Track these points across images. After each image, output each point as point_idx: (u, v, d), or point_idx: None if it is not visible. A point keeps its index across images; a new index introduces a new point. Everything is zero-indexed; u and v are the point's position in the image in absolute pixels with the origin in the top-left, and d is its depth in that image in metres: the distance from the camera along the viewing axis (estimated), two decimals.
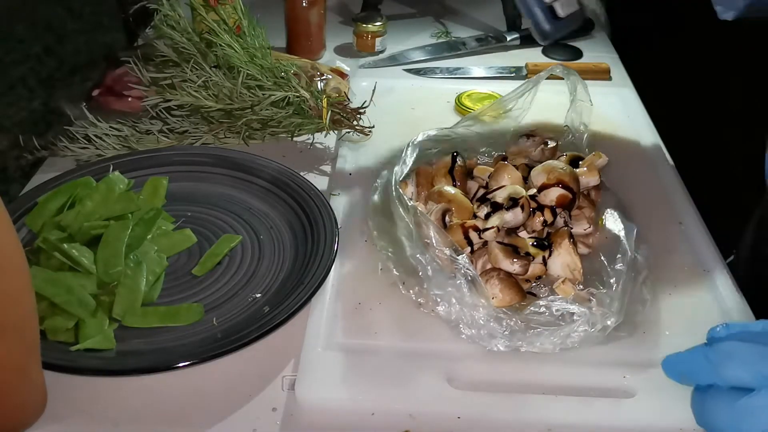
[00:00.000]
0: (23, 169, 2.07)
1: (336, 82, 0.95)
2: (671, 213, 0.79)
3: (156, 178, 0.78)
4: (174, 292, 0.68)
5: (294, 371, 0.60)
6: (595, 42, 1.22)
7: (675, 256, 0.73)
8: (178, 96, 0.84)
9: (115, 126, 0.86)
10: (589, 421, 0.56)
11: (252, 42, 0.87)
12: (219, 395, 0.58)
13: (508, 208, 0.67)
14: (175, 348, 0.61)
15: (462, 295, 0.61)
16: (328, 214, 0.73)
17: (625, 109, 1.01)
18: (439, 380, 0.58)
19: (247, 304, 0.66)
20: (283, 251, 0.72)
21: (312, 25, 1.10)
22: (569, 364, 0.60)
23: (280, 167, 0.81)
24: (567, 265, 0.66)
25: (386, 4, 1.29)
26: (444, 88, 1.04)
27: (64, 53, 2.96)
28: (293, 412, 0.57)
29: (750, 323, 0.51)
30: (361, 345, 0.62)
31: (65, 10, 3.22)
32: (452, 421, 0.56)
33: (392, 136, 0.89)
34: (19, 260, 0.44)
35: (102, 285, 0.65)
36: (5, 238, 0.43)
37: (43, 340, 0.59)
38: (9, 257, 0.43)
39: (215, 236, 0.74)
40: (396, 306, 0.66)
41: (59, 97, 2.32)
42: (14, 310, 0.44)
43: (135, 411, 0.57)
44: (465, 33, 1.23)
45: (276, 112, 0.85)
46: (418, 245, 0.64)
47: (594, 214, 0.72)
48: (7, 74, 2.80)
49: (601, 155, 0.74)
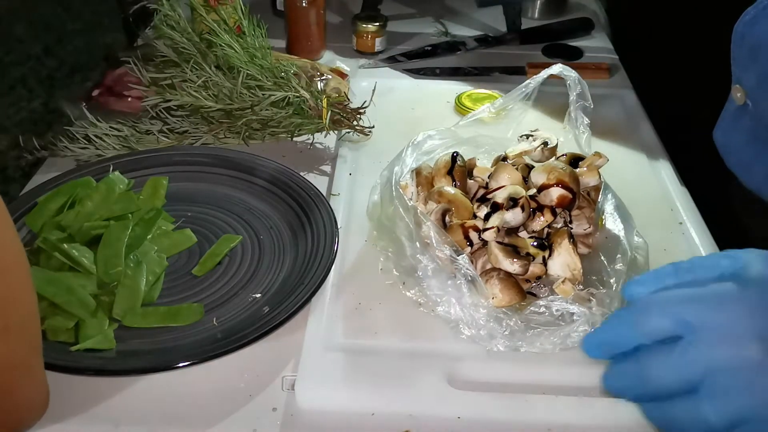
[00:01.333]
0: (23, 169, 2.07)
1: (336, 82, 0.95)
2: (671, 213, 0.79)
3: (156, 178, 0.78)
4: (174, 292, 0.68)
5: (294, 371, 0.60)
6: (595, 42, 1.22)
7: (675, 256, 0.72)
8: (178, 96, 0.84)
9: (115, 126, 0.86)
10: (589, 421, 0.56)
11: (252, 42, 0.87)
12: (219, 395, 0.58)
13: (508, 208, 0.67)
14: (175, 348, 0.61)
15: (462, 295, 0.61)
16: (328, 214, 0.73)
17: (625, 109, 1.01)
18: (439, 380, 0.58)
19: (247, 304, 0.66)
20: (283, 251, 0.72)
21: (312, 25, 1.10)
22: (569, 364, 0.60)
23: (280, 167, 0.81)
24: (567, 265, 0.66)
25: (386, 4, 1.30)
26: (444, 88, 1.04)
27: (64, 53, 2.96)
28: (293, 412, 0.57)
29: (660, 268, 0.44)
30: (361, 345, 0.62)
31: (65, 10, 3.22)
32: (452, 421, 0.56)
33: (392, 136, 0.89)
34: (20, 260, 0.44)
35: (102, 285, 0.65)
36: (6, 238, 0.43)
37: (43, 340, 0.59)
38: (10, 257, 0.43)
39: (215, 236, 0.74)
40: (396, 306, 0.66)
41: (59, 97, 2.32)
42: (17, 309, 0.44)
43: (135, 411, 0.57)
44: (465, 33, 1.23)
45: (276, 112, 0.85)
46: (417, 245, 0.64)
47: (594, 214, 0.72)
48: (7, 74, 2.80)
49: (601, 155, 0.74)
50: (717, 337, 0.38)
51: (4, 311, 0.43)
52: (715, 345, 0.38)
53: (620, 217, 0.68)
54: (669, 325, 0.40)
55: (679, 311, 0.40)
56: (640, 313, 0.41)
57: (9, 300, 0.43)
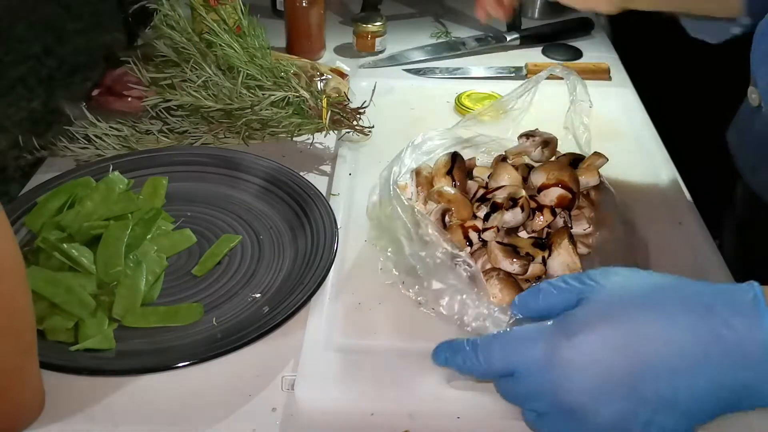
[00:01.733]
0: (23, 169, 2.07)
1: (336, 82, 0.95)
2: (671, 213, 0.79)
3: (156, 178, 0.78)
4: (174, 292, 0.68)
5: (294, 371, 0.60)
6: (595, 42, 1.22)
7: (675, 256, 0.73)
8: (177, 96, 0.84)
9: (115, 126, 0.86)
10: None
11: (252, 42, 0.87)
12: (219, 395, 0.58)
13: (508, 208, 0.67)
14: (175, 348, 0.61)
15: (464, 285, 0.60)
16: (328, 214, 0.73)
17: (625, 109, 1.01)
18: (439, 380, 0.58)
19: (246, 304, 0.66)
20: (283, 251, 0.72)
21: (312, 25, 1.10)
22: None
23: (280, 167, 0.81)
24: (567, 265, 0.65)
25: (386, 4, 1.30)
26: (444, 88, 1.04)
27: (64, 53, 2.96)
28: (293, 412, 0.57)
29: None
30: (361, 345, 0.62)
31: (65, 10, 3.22)
32: (452, 421, 0.56)
33: (392, 136, 0.89)
34: (13, 261, 0.44)
35: (102, 285, 0.65)
36: (1, 242, 0.43)
37: (42, 340, 0.59)
38: (3, 259, 0.43)
39: (215, 236, 0.74)
40: (396, 306, 0.66)
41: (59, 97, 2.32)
42: (9, 312, 0.44)
43: (135, 411, 0.57)
44: (465, 33, 1.23)
45: (276, 112, 0.85)
46: (417, 244, 0.64)
47: (594, 214, 0.72)
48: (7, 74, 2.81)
49: (600, 155, 0.74)
50: None
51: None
52: None
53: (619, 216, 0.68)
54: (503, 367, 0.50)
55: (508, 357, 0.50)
56: (486, 354, 0.51)
57: (1, 305, 0.43)
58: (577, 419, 0.47)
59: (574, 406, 0.46)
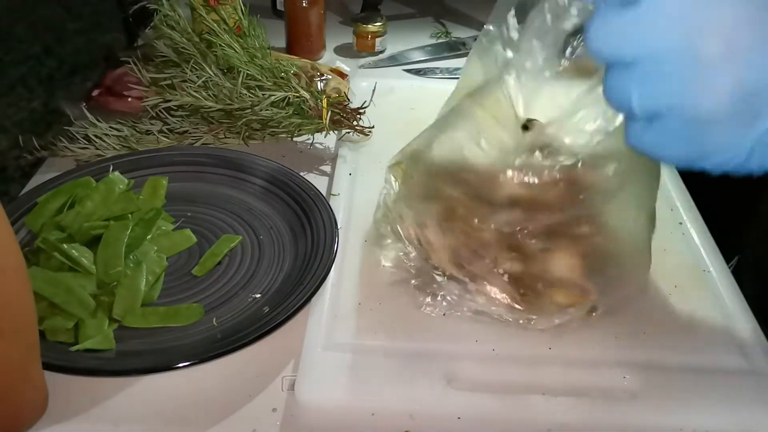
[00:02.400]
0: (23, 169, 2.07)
1: (336, 83, 0.95)
2: (671, 213, 0.79)
3: (156, 178, 0.78)
4: (174, 292, 0.68)
5: (294, 371, 0.60)
6: None
7: (675, 256, 0.73)
8: (178, 96, 0.84)
9: (115, 126, 0.86)
10: (589, 421, 0.56)
11: (252, 42, 0.87)
12: (219, 395, 0.58)
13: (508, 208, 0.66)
14: (175, 348, 0.61)
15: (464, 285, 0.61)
16: (328, 214, 0.73)
17: None
18: (439, 380, 0.58)
19: (246, 304, 0.66)
20: (283, 251, 0.72)
21: (312, 25, 1.10)
22: (569, 365, 0.60)
23: (280, 167, 0.81)
24: (567, 265, 0.65)
25: (386, 4, 1.29)
26: (444, 88, 1.03)
27: (64, 53, 2.96)
28: (293, 413, 0.57)
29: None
30: (361, 345, 0.62)
31: (65, 10, 3.23)
32: (452, 422, 0.56)
33: (392, 136, 0.89)
34: (16, 261, 0.44)
35: (102, 285, 0.65)
36: (2, 239, 0.43)
37: (42, 340, 0.59)
38: (6, 258, 0.43)
39: (215, 236, 0.74)
40: (396, 306, 0.66)
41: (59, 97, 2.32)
42: (12, 311, 0.44)
43: (135, 411, 0.57)
44: (465, 33, 1.23)
45: (276, 112, 0.85)
46: (416, 244, 0.64)
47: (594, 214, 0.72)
48: (7, 74, 2.81)
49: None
50: (678, 14, 0.34)
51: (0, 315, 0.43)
52: (673, 22, 0.34)
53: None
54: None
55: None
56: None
57: (4, 302, 0.43)
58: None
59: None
